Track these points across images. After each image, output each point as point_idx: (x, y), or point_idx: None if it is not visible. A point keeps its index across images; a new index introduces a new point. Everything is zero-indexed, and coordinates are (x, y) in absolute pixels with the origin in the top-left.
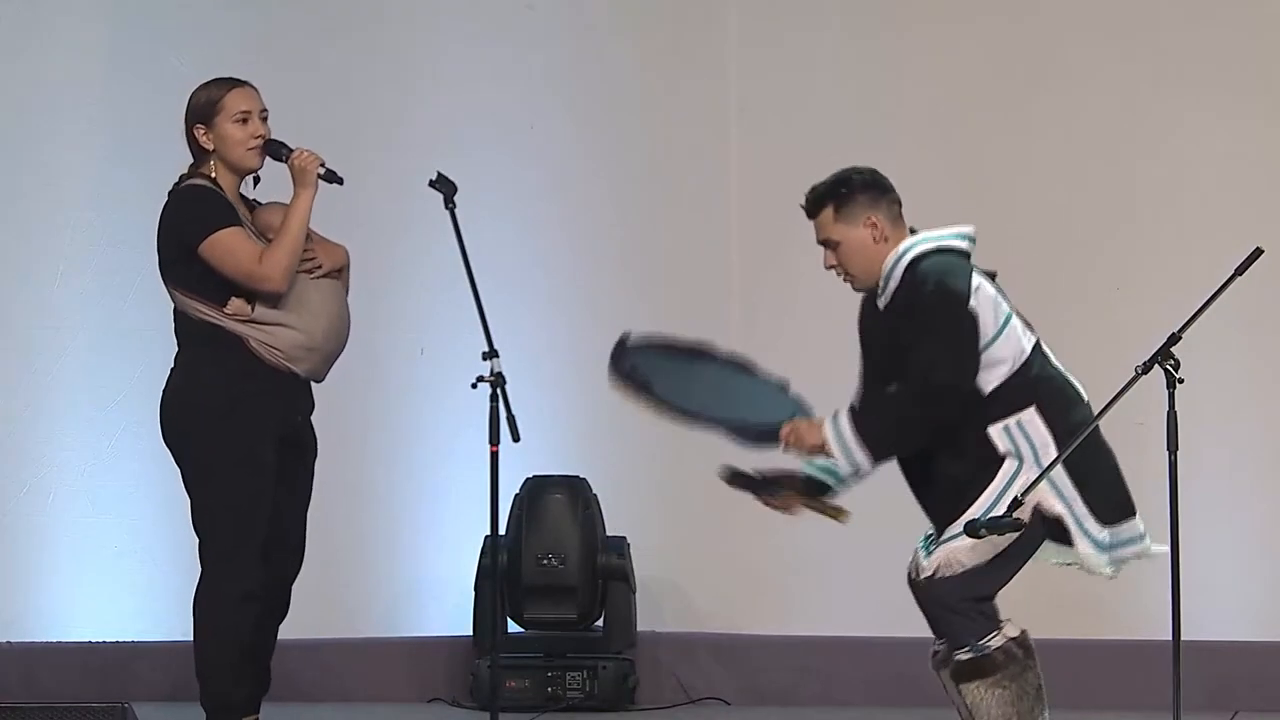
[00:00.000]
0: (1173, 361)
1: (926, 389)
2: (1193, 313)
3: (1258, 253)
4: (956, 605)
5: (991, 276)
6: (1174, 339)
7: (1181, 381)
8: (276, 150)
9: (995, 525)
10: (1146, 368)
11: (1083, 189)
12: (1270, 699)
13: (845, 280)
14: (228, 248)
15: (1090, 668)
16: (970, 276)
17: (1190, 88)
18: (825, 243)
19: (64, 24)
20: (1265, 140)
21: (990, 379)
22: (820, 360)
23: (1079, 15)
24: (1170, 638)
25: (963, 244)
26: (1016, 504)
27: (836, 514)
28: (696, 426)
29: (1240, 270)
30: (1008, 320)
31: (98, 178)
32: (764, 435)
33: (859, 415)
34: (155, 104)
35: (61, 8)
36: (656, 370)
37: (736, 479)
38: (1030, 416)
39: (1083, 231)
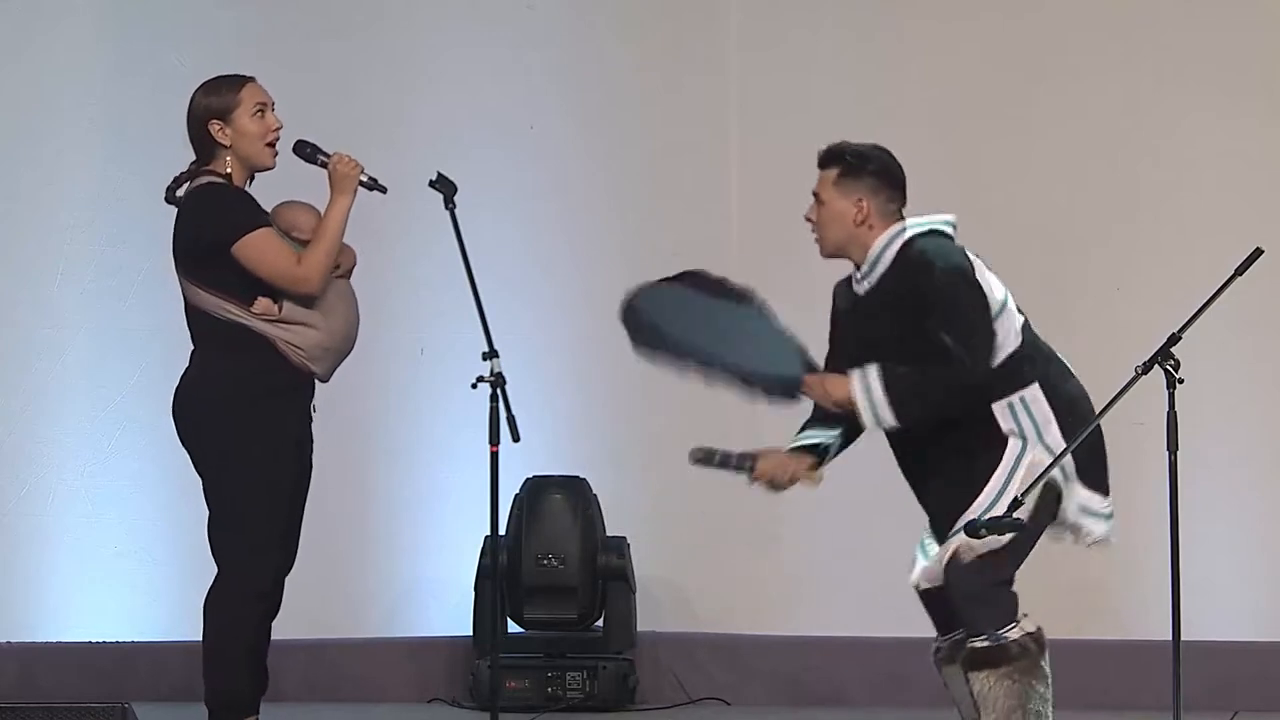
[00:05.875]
0: (1173, 361)
1: (967, 361)
2: (1193, 313)
3: (1258, 253)
4: (979, 592)
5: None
6: (1174, 339)
7: (1181, 381)
8: (311, 153)
9: (996, 525)
10: (1146, 368)
11: (1083, 189)
12: (1270, 699)
13: (815, 239)
14: (264, 249)
15: (1090, 668)
16: (966, 253)
17: (1190, 88)
18: (816, 195)
19: (64, 24)
20: (1265, 140)
21: (996, 356)
22: (821, 359)
23: (1079, 14)
24: (1170, 638)
25: (949, 229)
26: (1017, 504)
27: (812, 479)
28: (715, 377)
29: (1240, 270)
30: (1006, 297)
31: (98, 178)
32: (783, 386)
33: (890, 374)
34: (155, 103)
35: (61, 8)
36: (669, 319)
37: (708, 458)
38: (1035, 394)
39: (1083, 231)
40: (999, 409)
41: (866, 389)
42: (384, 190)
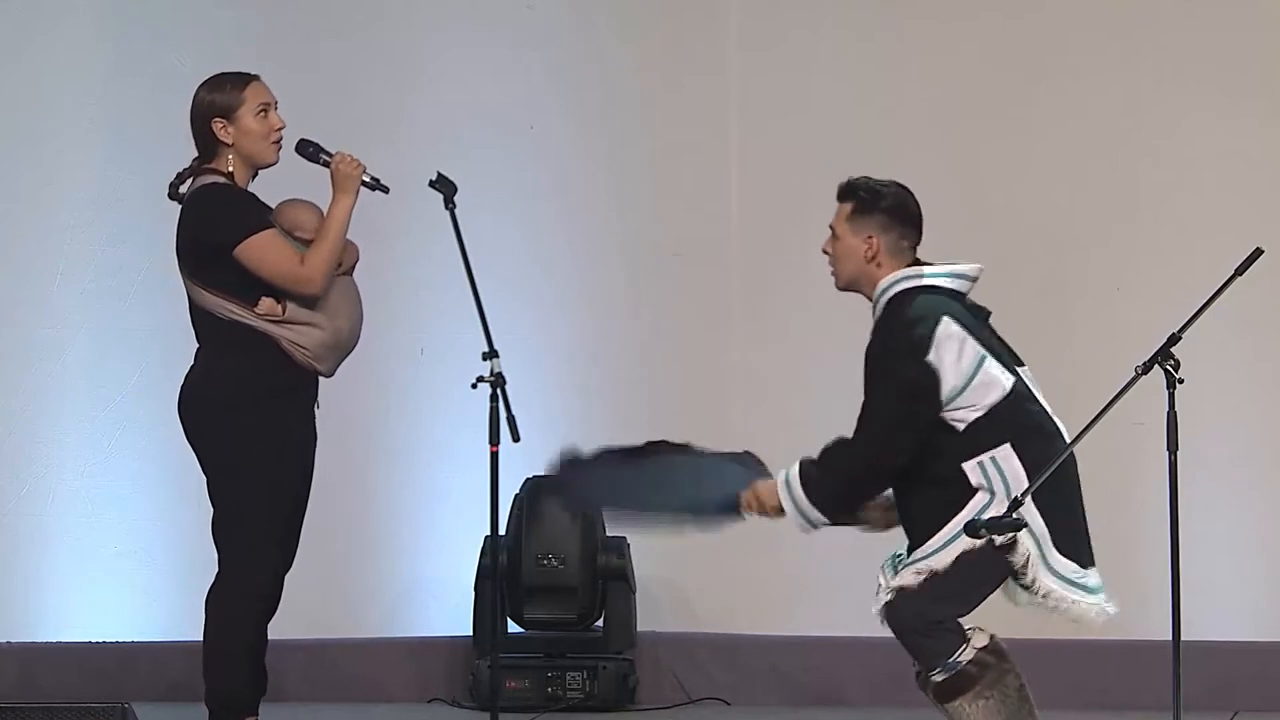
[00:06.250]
0: (1173, 361)
1: (868, 444)
2: (1193, 313)
3: (1258, 253)
4: (917, 628)
5: (985, 316)
6: (1174, 339)
7: (1181, 381)
8: (314, 152)
9: (996, 525)
10: (1146, 368)
11: (1083, 189)
12: (1270, 699)
13: (830, 272)
14: (266, 251)
15: (1090, 668)
16: (938, 324)
17: (1190, 88)
18: (832, 229)
19: (64, 24)
20: (1265, 140)
21: (964, 418)
22: (821, 359)
23: (1079, 14)
24: (1170, 638)
25: (954, 283)
26: (1016, 504)
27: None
28: (656, 526)
29: (1240, 270)
30: (981, 363)
31: (98, 178)
32: (724, 509)
33: (808, 478)
34: (155, 103)
35: (61, 8)
36: (603, 478)
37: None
38: (1006, 453)
39: (1083, 231)
40: (969, 468)
41: (792, 498)
42: (386, 190)
